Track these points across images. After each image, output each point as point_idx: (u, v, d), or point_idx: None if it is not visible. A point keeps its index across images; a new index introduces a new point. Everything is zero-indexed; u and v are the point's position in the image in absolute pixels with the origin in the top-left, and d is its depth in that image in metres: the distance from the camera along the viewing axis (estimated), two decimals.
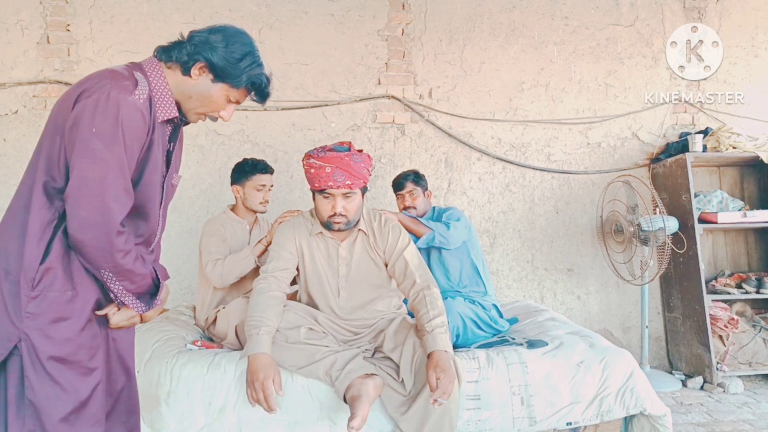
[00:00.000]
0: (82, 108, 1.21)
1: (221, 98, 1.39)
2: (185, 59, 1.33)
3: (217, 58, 1.33)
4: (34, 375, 1.20)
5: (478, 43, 3.84)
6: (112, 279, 1.27)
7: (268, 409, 1.75)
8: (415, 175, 2.85)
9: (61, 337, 1.22)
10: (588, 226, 3.86)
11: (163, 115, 1.34)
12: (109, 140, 1.21)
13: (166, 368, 2.00)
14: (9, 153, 3.48)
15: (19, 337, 1.20)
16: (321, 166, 2.03)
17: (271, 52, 3.65)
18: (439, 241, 2.60)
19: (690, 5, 3.95)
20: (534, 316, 2.77)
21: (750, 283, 3.57)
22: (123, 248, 1.24)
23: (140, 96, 1.26)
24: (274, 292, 2.03)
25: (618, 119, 3.91)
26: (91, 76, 1.28)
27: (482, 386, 2.02)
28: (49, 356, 1.21)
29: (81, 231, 1.20)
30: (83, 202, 1.19)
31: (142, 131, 1.27)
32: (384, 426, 1.94)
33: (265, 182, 2.69)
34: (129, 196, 1.26)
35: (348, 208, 2.06)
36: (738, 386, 3.26)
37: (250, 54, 1.37)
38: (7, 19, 3.50)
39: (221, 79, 1.36)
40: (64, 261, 1.24)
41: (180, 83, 1.36)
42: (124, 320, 1.34)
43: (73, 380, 1.24)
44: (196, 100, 1.38)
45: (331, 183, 2.01)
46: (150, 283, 1.36)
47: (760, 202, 3.89)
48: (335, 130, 3.71)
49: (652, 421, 2.07)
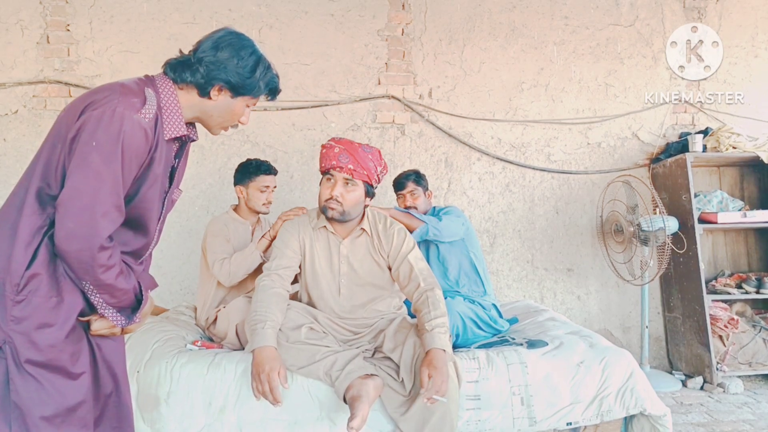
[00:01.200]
0: (86, 120, 1.22)
1: (242, 109, 1.44)
2: (201, 82, 1.36)
3: (233, 77, 1.36)
4: (19, 378, 1.20)
5: (478, 43, 3.84)
6: (92, 291, 1.27)
7: (273, 401, 1.75)
8: (416, 175, 2.86)
9: (44, 343, 1.22)
10: (588, 226, 3.86)
11: (171, 133, 1.35)
12: (107, 155, 1.21)
13: (166, 368, 2.00)
14: (9, 153, 3.49)
15: (3, 339, 1.20)
16: (331, 146, 2.09)
17: (271, 52, 3.61)
18: (432, 234, 2.59)
19: (690, 5, 3.95)
20: (534, 316, 2.77)
21: (750, 283, 3.57)
22: (105, 263, 1.24)
23: (146, 114, 1.27)
24: (277, 289, 2.04)
25: (618, 119, 3.91)
26: (102, 88, 1.29)
27: (482, 386, 2.02)
28: (33, 361, 1.21)
29: (66, 242, 1.20)
30: (72, 214, 1.20)
31: (143, 150, 1.27)
32: (384, 426, 1.94)
33: (268, 183, 2.69)
34: (119, 213, 1.26)
35: (345, 197, 2.07)
36: (738, 386, 3.26)
37: (261, 61, 1.41)
38: (7, 19, 3.50)
39: (240, 94, 1.40)
40: (51, 267, 1.24)
41: (198, 104, 1.39)
42: (104, 329, 1.34)
43: (58, 384, 1.24)
44: (219, 117, 1.43)
45: (335, 162, 2.05)
46: (132, 298, 1.36)
47: (760, 202, 3.89)
48: (335, 130, 3.71)
49: (652, 421, 2.07)
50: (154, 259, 3.66)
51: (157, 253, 3.48)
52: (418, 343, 1.94)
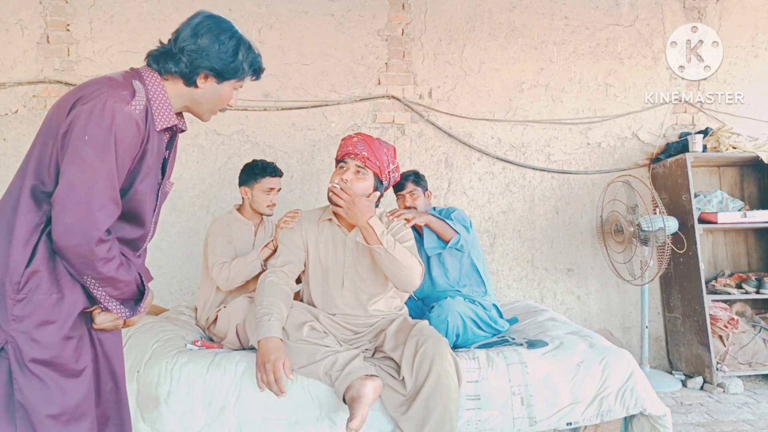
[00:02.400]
0: (77, 115, 1.22)
1: (229, 92, 1.44)
2: (186, 72, 1.35)
3: (217, 63, 1.36)
4: (22, 377, 1.20)
5: (478, 43, 3.84)
6: (95, 285, 1.27)
7: (278, 391, 1.76)
8: (416, 176, 2.85)
9: (47, 341, 1.22)
10: (588, 226, 3.87)
11: (162, 123, 1.35)
12: (100, 149, 1.21)
13: (166, 368, 2.00)
14: (9, 153, 3.48)
15: (5, 339, 1.20)
16: (351, 137, 2.18)
17: (271, 52, 3.65)
18: (460, 245, 2.62)
19: (690, 5, 3.95)
20: (534, 316, 2.77)
21: (750, 283, 3.57)
22: (105, 256, 1.24)
23: (136, 106, 1.27)
24: (282, 286, 2.07)
25: (618, 119, 3.91)
26: (89, 83, 1.29)
27: (482, 386, 2.02)
28: (36, 359, 1.21)
29: (64, 237, 1.20)
30: (69, 209, 1.19)
31: (135, 141, 1.27)
32: (384, 426, 1.94)
33: (274, 186, 2.69)
34: (116, 206, 1.26)
35: (355, 183, 2.10)
36: (738, 386, 3.26)
37: (242, 43, 1.39)
38: (7, 19, 3.50)
39: (226, 79, 1.40)
40: (50, 264, 1.23)
41: (186, 94, 1.39)
42: (107, 322, 1.34)
43: (62, 382, 1.24)
44: (208, 104, 1.44)
45: (350, 149, 2.12)
46: (134, 289, 1.36)
47: (760, 202, 3.89)
48: (335, 130, 3.71)
49: (652, 421, 2.07)
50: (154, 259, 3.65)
51: (157, 252, 3.49)
52: (420, 342, 1.94)
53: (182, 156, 3.55)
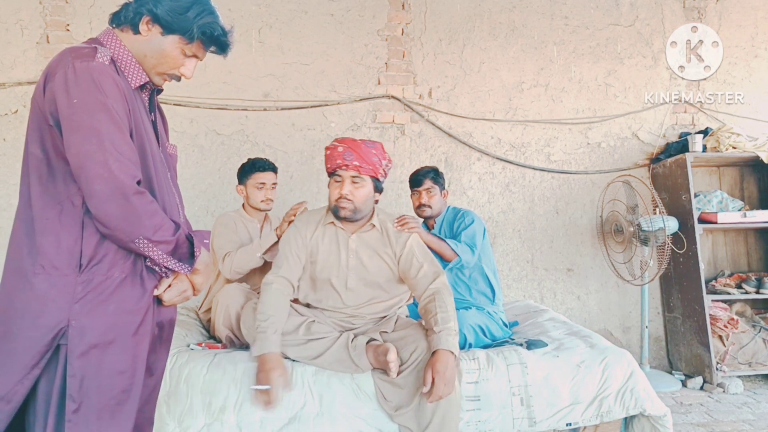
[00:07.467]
0: (53, 89, 1.20)
1: (175, 52, 1.34)
2: (132, 16, 1.31)
3: (162, 10, 1.30)
4: (78, 361, 1.18)
5: (478, 43, 3.84)
6: (149, 246, 1.23)
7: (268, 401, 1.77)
8: (435, 173, 2.76)
9: (107, 323, 1.21)
10: (588, 226, 3.86)
11: (135, 80, 1.33)
12: (92, 107, 1.19)
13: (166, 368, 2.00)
14: (9, 153, 3.49)
15: (67, 323, 1.18)
16: (335, 146, 2.12)
17: (270, 52, 3.65)
18: (459, 266, 2.58)
19: (690, 5, 3.95)
20: (534, 317, 2.77)
21: (750, 283, 3.57)
22: (148, 208, 1.21)
23: (103, 59, 1.24)
24: (283, 290, 2.08)
25: (618, 119, 3.91)
26: (52, 60, 1.26)
27: (482, 387, 2.02)
28: (95, 343, 1.20)
29: (101, 205, 1.17)
30: (91, 177, 1.17)
31: (118, 92, 1.24)
32: (384, 426, 1.94)
33: (264, 180, 2.71)
34: (132, 151, 1.23)
35: (355, 194, 2.08)
36: (738, 386, 3.26)
37: (198, 3, 1.32)
38: (6, 19, 3.50)
39: (171, 32, 1.32)
40: (101, 245, 1.22)
41: (133, 43, 1.33)
42: (176, 295, 1.33)
43: (118, 365, 1.23)
44: (152, 58, 1.34)
45: (340, 161, 2.07)
46: (185, 242, 1.31)
47: (760, 202, 3.89)
48: (335, 130, 3.71)
49: (652, 421, 2.07)
50: None
51: None
52: (423, 342, 1.94)
53: (182, 156, 3.54)
